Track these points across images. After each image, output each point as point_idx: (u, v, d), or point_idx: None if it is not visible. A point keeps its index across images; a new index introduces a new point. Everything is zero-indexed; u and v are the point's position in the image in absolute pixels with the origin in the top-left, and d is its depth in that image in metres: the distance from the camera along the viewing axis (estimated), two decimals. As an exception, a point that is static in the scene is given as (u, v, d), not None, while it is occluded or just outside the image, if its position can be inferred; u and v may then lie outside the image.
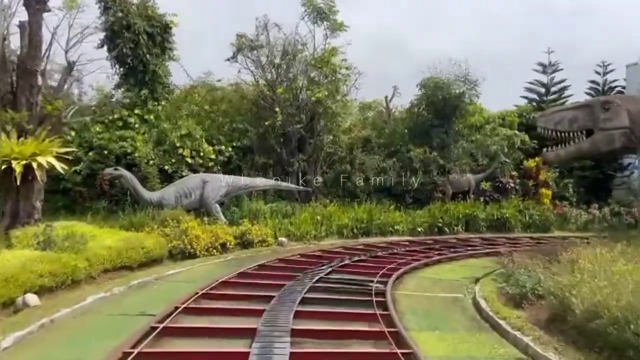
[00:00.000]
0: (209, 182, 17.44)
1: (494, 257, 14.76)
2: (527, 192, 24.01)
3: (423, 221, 20.66)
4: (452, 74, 24.08)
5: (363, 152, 22.90)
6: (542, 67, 28.14)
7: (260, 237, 16.01)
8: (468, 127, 26.55)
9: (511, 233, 22.02)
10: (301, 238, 17.50)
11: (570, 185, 25.31)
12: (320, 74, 21.83)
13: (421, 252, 15.05)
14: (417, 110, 25.53)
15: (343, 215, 19.41)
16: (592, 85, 27.59)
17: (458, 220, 21.23)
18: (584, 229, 23.75)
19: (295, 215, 18.58)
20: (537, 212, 22.80)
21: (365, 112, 26.38)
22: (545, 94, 28.13)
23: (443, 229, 20.75)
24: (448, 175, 23.14)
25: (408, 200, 22.29)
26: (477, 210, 21.80)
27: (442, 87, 24.12)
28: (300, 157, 21.10)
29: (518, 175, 23.99)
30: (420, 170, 22.61)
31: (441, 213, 21.11)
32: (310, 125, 21.32)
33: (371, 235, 19.43)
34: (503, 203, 22.95)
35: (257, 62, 21.80)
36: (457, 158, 23.69)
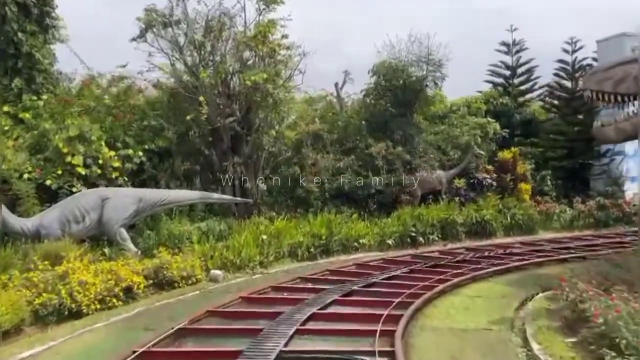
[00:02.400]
0: (110, 199, 12.95)
1: (504, 276, 11.41)
2: (505, 188, 21.13)
3: (393, 231, 17.12)
4: (412, 53, 20.82)
5: (314, 150, 19.05)
6: (506, 47, 25.65)
7: (184, 272, 11.75)
8: (430, 117, 23.48)
9: (494, 238, 19.01)
10: (242, 267, 13.35)
11: (549, 178, 22.78)
12: (255, 55, 17.76)
13: (407, 278, 11.39)
14: (371, 99, 22.10)
15: (295, 231, 15.47)
16: (561, 65, 25.40)
17: (433, 228, 17.88)
18: (570, 226, 21.23)
19: (234, 236, 14.42)
20: (519, 212, 19.90)
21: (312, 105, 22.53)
22: (511, 77, 25.64)
23: (417, 240, 17.34)
24: (415, 173, 19.77)
25: (371, 206, 18.68)
26: (453, 213, 18.54)
27: (401, 70, 20.81)
28: (235, 160, 16.93)
29: (494, 169, 21.04)
30: (383, 169, 19.06)
31: (413, 220, 17.66)
32: (247, 118, 17.20)
33: (332, 254, 15.65)
34: (481, 203, 19.88)
35: (174, 41, 17.39)
36: (424, 153, 20.37)
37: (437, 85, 21.05)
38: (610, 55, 24.00)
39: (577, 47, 25.13)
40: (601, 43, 24.68)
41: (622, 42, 23.62)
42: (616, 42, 23.89)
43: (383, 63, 21.48)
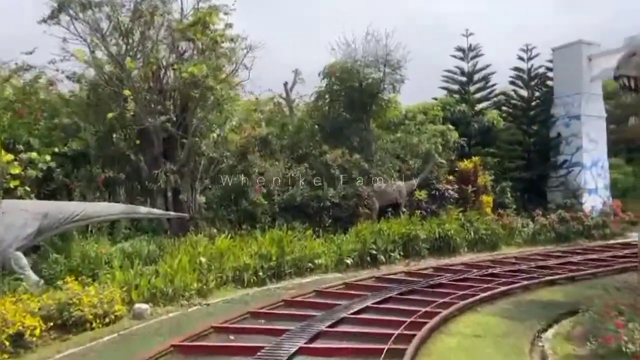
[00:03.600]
0: (2, 216, 10.19)
1: (493, 305, 9.73)
2: (467, 200, 19.86)
3: (351, 249, 15.23)
4: (369, 53, 19.20)
5: (261, 156, 16.88)
6: (461, 52, 24.71)
7: (99, 308, 9.21)
8: (386, 124, 21.96)
9: (458, 255, 17.58)
10: (176, 298, 10.90)
11: (508, 190, 21.80)
12: (194, 46, 15.44)
13: (383, 311, 9.45)
14: (324, 102, 20.28)
15: (241, 251, 13.20)
16: (517, 72, 24.78)
17: (394, 245, 16.16)
18: (533, 241, 20.24)
19: (165, 259, 11.95)
20: (483, 226, 18.63)
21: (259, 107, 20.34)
22: (467, 83, 24.70)
23: (377, 258, 15.54)
24: (373, 184, 18.04)
25: (326, 220, 16.72)
26: (415, 228, 16.92)
27: (357, 71, 19.15)
28: (168, 168, 14.43)
29: (455, 180, 19.72)
30: (339, 179, 17.17)
31: (373, 236, 15.86)
32: (183, 118, 14.78)
33: (284, 277, 13.53)
34: (443, 216, 18.45)
35: (94, 26, 14.72)
36: (382, 161, 18.71)
37: (396, 89, 19.51)
38: (567, 63, 23.74)
39: (533, 54, 24.53)
40: (557, 51, 24.27)
41: (579, 50, 23.30)
42: (572, 50, 23.55)
43: (335, 64, 19.77)
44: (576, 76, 23.27)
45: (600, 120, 23.82)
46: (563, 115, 23.64)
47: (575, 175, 23.14)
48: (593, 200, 22.89)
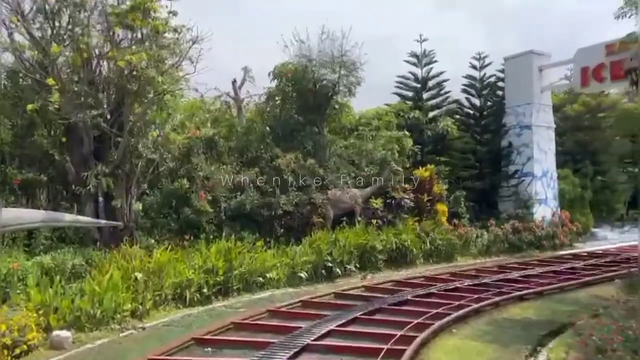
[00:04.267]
0: None
1: (468, 325, 8.88)
2: (422, 209, 19.20)
3: (306, 262, 14.11)
4: (324, 53, 18.23)
5: (207, 159, 15.43)
6: (415, 58, 24.29)
7: (6, 337, 7.57)
8: (339, 129, 21.08)
9: (415, 266, 16.88)
10: (105, 322, 9.34)
11: (462, 199, 21.41)
12: (132, 35, 13.85)
13: (350, 335, 8.35)
14: (275, 103, 19.14)
15: (183, 265, 11.72)
16: (469, 81, 24.66)
17: (350, 256, 15.17)
18: (487, 252, 19.91)
19: (93, 275, 10.30)
20: (439, 236, 18.03)
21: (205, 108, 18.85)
22: (421, 89, 24.28)
23: (333, 270, 14.49)
24: (328, 191, 17.02)
25: (278, 230, 15.49)
26: (371, 238, 16.03)
27: (311, 71, 18.14)
28: (100, 170, 12.71)
29: (411, 189, 19.02)
30: (293, 186, 16.02)
31: (328, 247, 14.80)
32: (118, 114, 13.13)
33: (232, 293, 12.29)
34: (399, 226, 17.67)
35: (15, 6, 12.84)
36: (337, 168, 17.74)
37: (352, 92, 18.62)
38: (518, 73, 23.83)
39: (485, 62, 24.48)
40: (509, 60, 24.34)
41: (530, 60, 23.43)
42: (524, 60, 23.66)
43: (286, 64, 18.68)
44: (527, 86, 23.38)
45: (549, 130, 24.05)
46: (514, 125, 23.68)
47: (526, 185, 23.17)
48: (543, 210, 22.97)
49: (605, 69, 21.07)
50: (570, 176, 24.88)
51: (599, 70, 21.24)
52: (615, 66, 20.78)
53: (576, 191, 24.55)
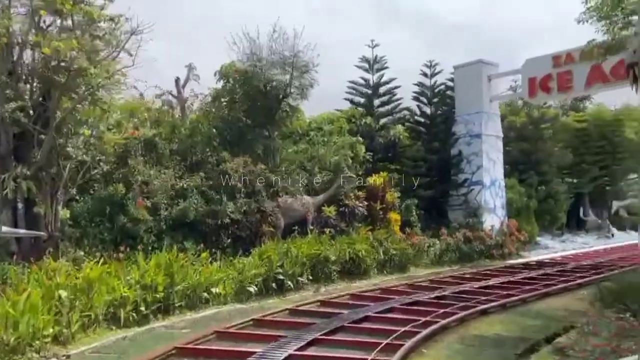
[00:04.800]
0: None
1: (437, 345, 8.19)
2: (375, 217, 18.62)
3: (255, 274, 13.04)
4: (275, 53, 17.35)
5: (146, 162, 14.09)
6: (366, 63, 23.85)
7: None
8: (290, 133, 20.22)
9: (369, 277, 16.24)
10: (21, 350, 7.92)
11: (414, 208, 21.04)
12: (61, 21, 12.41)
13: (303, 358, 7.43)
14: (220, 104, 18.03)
15: (117, 281, 10.38)
16: (420, 88, 24.52)
17: (303, 267, 14.27)
18: (439, 261, 19.59)
19: (8, 295, 8.81)
20: (393, 246, 17.48)
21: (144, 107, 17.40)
22: (372, 95, 23.85)
23: (284, 283, 13.52)
24: (279, 198, 16.08)
25: (225, 240, 14.36)
26: (325, 249, 15.21)
27: (261, 72, 17.20)
28: (20, 171, 11.13)
29: (364, 196, 18.40)
30: (241, 193, 14.94)
31: (280, 258, 13.81)
32: (43, 109, 11.60)
33: (174, 311, 11.10)
34: (353, 235, 16.98)
35: None
36: (288, 173, 16.83)
37: (304, 94, 17.79)
38: (468, 82, 23.91)
39: (436, 70, 24.43)
40: (458, 69, 24.41)
41: (479, 70, 23.58)
42: (473, 69, 23.79)
43: (232, 64, 17.67)
44: (477, 95, 23.50)
45: (498, 140, 24.28)
46: (464, 133, 23.71)
47: (476, 194, 23.19)
48: (492, 219, 23.05)
49: (552, 80, 21.48)
50: (516, 185, 25.19)
51: (546, 81, 21.64)
52: (561, 77, 21.25)
53: (522, 200, 24.88)
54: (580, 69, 20.60)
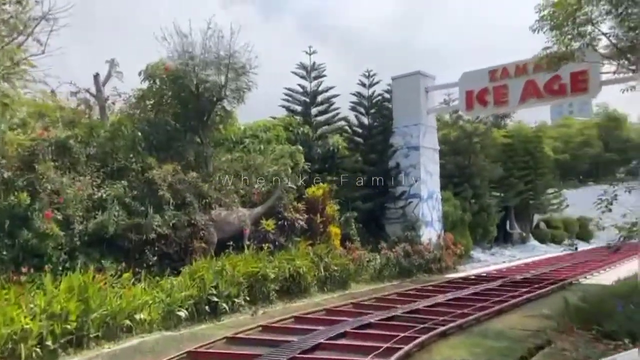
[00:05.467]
0: None
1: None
2: (315, 231, 17.64)
3: (186, 297, 11.57)
4: (209, 52, 16.01)
5: (57, 168, 12.19)
6: (304, 70, 23.00)
7: None
8: (223, 140, 18.86)
9: (310, 296, 15.20)
10: None
11: (353, 221, 20.30)
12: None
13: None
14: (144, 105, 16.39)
15: (17, 309, 8.61)
16: (358, 98, 23.99)
17: (239, 288, 12.95)
18: (379, 277, 18.92)
19: None
20: (334, 261, 16.55)
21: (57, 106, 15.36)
22: (310, 104, 22.98)
23: (219, 306, 12.15)
24: (211, 211, 14.68)
25: (151, 258, 12.74)
26: (263, 266, 13.97)
27: (193, 71, 15.81)
28: None
29: (304, 209, 17.38)
30: (170, 204, 13.39)
31: (214, 277, 12.42)
32: None
33: (88, 345, 9.47)
34: (292, 250, 15.86)
35: None
36: (222, 183, 15.47)
37: (241, 98, 16.53)
38: (406, 93, 23.71)
39: (374, 81, 24.07)
40: (396, 80, 24.18)
41: (417, 81, 23.46)
42: (411, 80, 23.64)
43: (161, 63, 16.15)
44: (415, 107, 23.33)
45: (435, 152, 24.23)
46: (402, 145, 23.42)
47: (414, 207, 22.88)
48: (429, 233, 22.82)
49: (488, 93, 21.70)
50: (451, 198, 25.27)
51: (483, 95, 21.82)
52: (497, 91, 21.51)
53: (458, 214, 24.96)
54: (515, 83, 20.97)
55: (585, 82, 19.42)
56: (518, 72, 20.91)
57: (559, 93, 20.05)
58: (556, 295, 15.10)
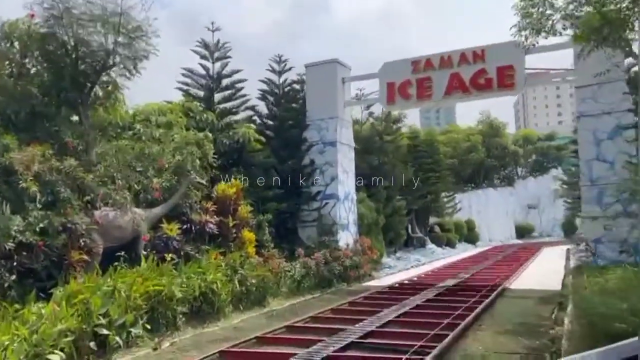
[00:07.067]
0: None
1: None
2: (227, 237, 14.77)
3: (62, 331, 8.23)
4: (95, 3, 12.49)
5: None
6: (206, 49, 19.84)
7: None
8: (108, 124, 15.18)
9: (223, 317, 12.38)
10: None
11: (266, 225, 17.64)
12: None
13: None
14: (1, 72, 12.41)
15: None
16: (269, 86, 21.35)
17: (137, 313, 9.80)
18: (298, 289, 16.48)
19: None
20: (251, 273, 13.83)
21: None
22: (213, 88, 19.84)
23: (110, 341, 8.99)
24: (95, 211, 11.22)
25: (6, 277, 9.06)
26: (167, 282, 10.89)
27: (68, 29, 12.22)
28: None
29: (214, 210, 14.41)
30: (37, 201, 9.77)
31: (101, 301, 9.15)
32: None
33: None
34: (202, 261, 12.88)
35: None
36: (111, 175, 12.03)
37: (135, 68, 13.12)
38: (321, 83, 21.67)
39: (286, 67, 21.68)
40: (311, 68, 22.03)
41: (334, 70, 21.55)
42: (327, 69, 21.68)
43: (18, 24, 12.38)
44: (331, 98, 21.38)
45: (351, 149, 22.49)
46: (317, 140, 21.32)
47: (330, 209, 20.83)
48: (346, 237, 20.95)
49: (411, 86, 20.40)
50: (366, 200, 23.65)
51: (405, 87, 20.49)
52: (420, 84, 20.29)
53: (373, 216, 23.40)
54: (440, 76, 19.90)
55: (512, 78, 18.86)
56: (443, 64, 19.86)
57: (485, 88, 19.28)
58: (501, 304, 13.94)
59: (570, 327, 10.60)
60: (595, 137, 17.52)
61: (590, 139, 17.64)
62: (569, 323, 11.01)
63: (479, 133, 60.07)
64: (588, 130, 17.79)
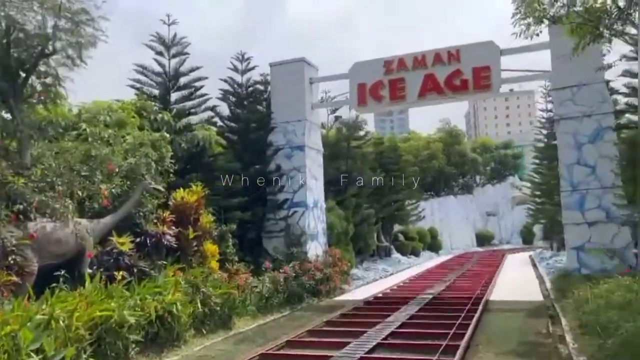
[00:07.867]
0: None
1: None
2: (186, 251, 13.13)
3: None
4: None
5: None
6: (161, 44, 18.16)
7: None
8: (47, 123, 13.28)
9: (183, 344, 10.76)
10: None
11: (230, 236, 16.05)
12: None
13: None
14: None
15: None
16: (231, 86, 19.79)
17: (80, 346, 8.14)
18: (266, 306, 14.95)
19: None
20: (215, 292, 12.27)
21: None
22: (170, 86, 18.12)
23: (42, 384, 7.23)
24: (29, 223, 9.44)
25: None
26: (117, 306, 9.22)
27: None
28: None
29: (171, 220, 12.75)
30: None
31: (32, 335, 7.43)
32: None
33: None
34: (158, 279, 11.21)
35: None
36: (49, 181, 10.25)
37: (79, 57, 11.39)
38: (288, 83, 20.35)
39: (249, 66, 20.21)
40: (276, 67, 20.66)
41: (301, 70, 20.28)
42: (294, 67, 20.38)
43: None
44: (298, 100, 20.08)
45: (319, 154, 21.19)
46: (284, 144, 19.91)
47: (298, 218, 19.42)
48: (315, 248, 19.58)
49: (383, 87, 19.35)
50: (336, 208, 22.39)
51: (377, 88, 19.42)
52: (393, 85, 19.27)
53: (343, 225, 22.15)
54: (414, 77, 18.96)
55: (488, 79, 18.10)
56: (416, 64, 18.93)
57: (460, 89, 18.44)
58: (489, 319, 12.90)
59: (576, 344, 9.68)
60: (576, 140, 16.92)
61: (571, 142, 17.03)
62: (572, 340, 10.11)
63: (439, 140, 60.23)
64: (568, 134, 17.18)
